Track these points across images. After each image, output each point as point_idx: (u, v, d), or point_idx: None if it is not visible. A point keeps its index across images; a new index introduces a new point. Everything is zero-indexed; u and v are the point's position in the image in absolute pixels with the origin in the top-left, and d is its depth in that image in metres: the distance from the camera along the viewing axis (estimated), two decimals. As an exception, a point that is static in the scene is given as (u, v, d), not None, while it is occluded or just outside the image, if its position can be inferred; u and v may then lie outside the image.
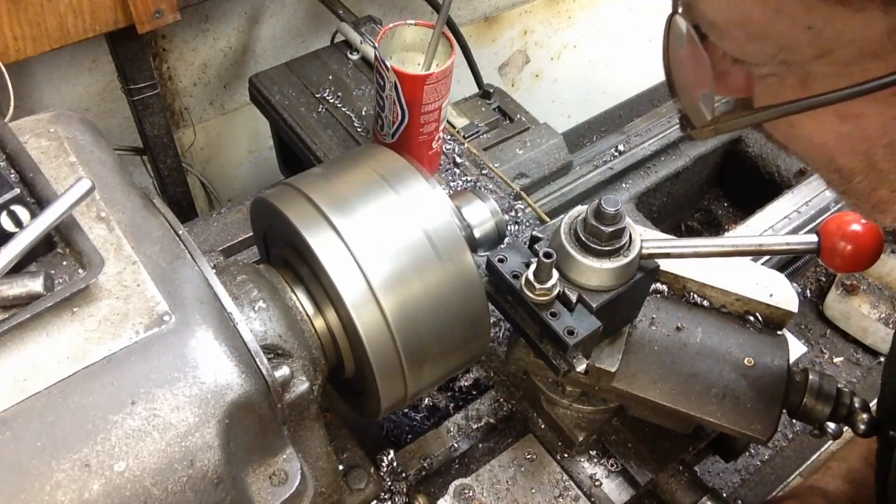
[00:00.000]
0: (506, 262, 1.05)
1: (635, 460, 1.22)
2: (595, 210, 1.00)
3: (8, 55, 1.40)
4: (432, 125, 1.43)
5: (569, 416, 1.22)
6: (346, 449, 1.16)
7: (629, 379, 1.14)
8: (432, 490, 1.21)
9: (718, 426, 1.13)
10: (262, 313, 0.94)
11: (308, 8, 2.11)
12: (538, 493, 1.19)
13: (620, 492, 1.21)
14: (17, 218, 0.77)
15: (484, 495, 1.18)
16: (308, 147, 1.59)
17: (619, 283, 1.02)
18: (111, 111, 1.94)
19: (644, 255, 1.04)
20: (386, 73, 1.35)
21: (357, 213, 0.98)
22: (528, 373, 1.24)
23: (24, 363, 0.74)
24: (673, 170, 1.95)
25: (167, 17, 1.55)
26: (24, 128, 0.91)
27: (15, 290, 0.75)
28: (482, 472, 1.21)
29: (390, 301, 0.95)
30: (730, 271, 1.22)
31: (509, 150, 1.69)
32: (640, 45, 3.11)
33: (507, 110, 1.78)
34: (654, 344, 1.17)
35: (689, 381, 1.14)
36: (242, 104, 2.19)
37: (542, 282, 0.99)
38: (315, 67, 1.75)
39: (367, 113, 1.65)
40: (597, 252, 1.01)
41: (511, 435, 1.27)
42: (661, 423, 1.21)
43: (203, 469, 0.77)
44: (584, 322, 0.99)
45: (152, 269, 0.83)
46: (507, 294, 1.06)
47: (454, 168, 1.57)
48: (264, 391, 0.84)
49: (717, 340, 1.18)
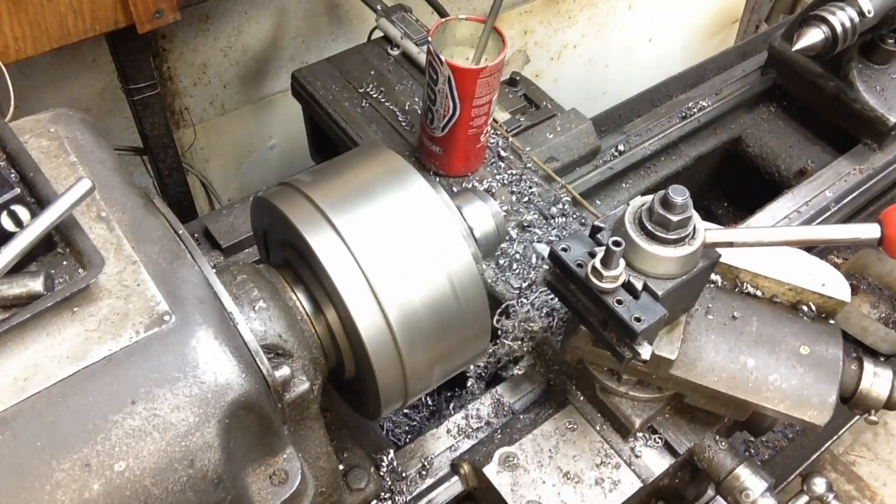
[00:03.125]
0: (569, 251, 1.07)
1: (673, 430, 1.25)
2: (662, 199, 1.02)
3: (8, 55, 1.40)
4: (482, 119, 1.45)
5: (624, 405, 1.23)
6: (346, 449, 1.16)
7: (687, 367, 1.16)
8: (477, 458, 1.23)
9: (776, 413, 1.15)
10: (263, 313, 0.94)
11: (308, 8, 2.11)
12: (580, 460, 1.21)
13: (660, 460, 1.23)
14: (18, 218, 0.77)
15: (528, 463, 1.20)
16: (353, 141, 1.60)
17: (683, 271, 1.04)
18: (111, 111, 1.94)
19: (707, 244, 1.05)
20: (440, 66, 1.37)
21: (357, 213, 0.98)
22: (582, 361, 1.25)
23: (24, 363, 0.74)
24: (673, 170, 1.95)
25: (167, 17, 1.54)
26: (24, 128, 0.91)
27: (15, 289, 0.75)
28: (525, 441, 1.23)
29: (391, 301, 0.95)
30: (782, 262, 1.23)
31: (539, 135, 1.72)
32: (640, 45, 3.12)
33: (534, 98, 1.81)
34: (710, 332, 1.19)
35: (746, 369, 1.16)
36: (242, 104, 2.19)
37: (610, 269, 1.00)
38: (356, 63, 1.76)
39: (410, 107, 1.66)
40: (663, 240, 1.03)
41: (552, 406, 1.29)
42: (717, 411, 1.22)
43: (203, 469, 0.77)
44: (650, 309, 1.01)
45: (152, 269, 0.83)
46: (570, 283, 1.07)
47: (499, 161, 1.59)
48: (264, 391, 0.84)
49: (772, 329, 1.20)
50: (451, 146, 1.48)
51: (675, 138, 1.93)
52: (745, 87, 2.01)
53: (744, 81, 2.03)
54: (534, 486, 1.18)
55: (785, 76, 1.95)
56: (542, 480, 1.19)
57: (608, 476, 1.20)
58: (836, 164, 1.83)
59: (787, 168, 2.00)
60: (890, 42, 1.81)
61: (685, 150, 1.97)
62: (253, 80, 2.16)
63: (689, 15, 3.21)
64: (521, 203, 1.51)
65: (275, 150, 2.38)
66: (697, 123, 1.95)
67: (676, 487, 1.34)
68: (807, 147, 1.99)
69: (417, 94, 1.69)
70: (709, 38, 3.37)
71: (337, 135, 1.65)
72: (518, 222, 1.47)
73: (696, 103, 1.96)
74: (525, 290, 1.36)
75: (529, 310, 1.31)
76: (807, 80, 1.88)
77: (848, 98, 1.80)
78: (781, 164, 2.01)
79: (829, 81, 1.83)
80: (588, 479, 1.19)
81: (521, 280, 1.37)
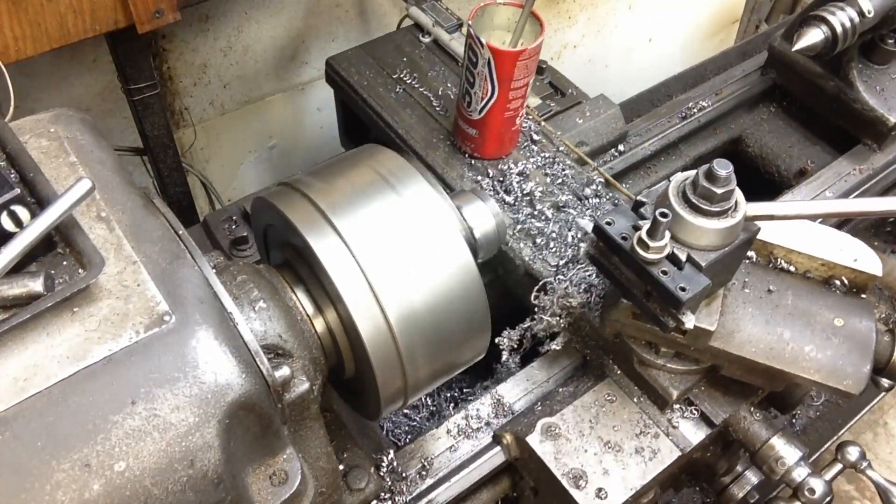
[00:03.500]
0: (613, 224, 1.10)
1: (709, 402, 1.27)
2: (707, 172, 1.06)
3: (8, 55, 1.40)
4: (518, 101, 1.48)
5: (662, 377, 1.26)
6: (346, 449, 1.16)
7: (726, 338, 1.19)
8: (519, 429, 1.25)
9: (812, 382, 1.17)
10: (263, 313, 0.94)
11: (308, 8, 2.11)
12: (620, 430, 1.24)
13: (696, 431, 1.26)
14: (18, 218, 0.77)
15: (569, 432, 1.23)
16: (389, 125, 1.64)
17: (725, 243, 1.08)
18: (111, 111, 1.94)
19: (748, 217, 1.09)
20: (480, 49, 1.39)
21: (357, 214, 0.98)
22: (620, 335, 1.27)
23: (24, 363, 0.74)
24: (673, 170, 1.95)
25: (167, 17, 1.54)
26: (24, 128, 0.91)
27: (15, 290, 0.75)
28: (566, 412, 1.26)
29: (391, 301, 0.95)
30: (814, 238, 1.27)
31: (569, 120, 1.75)
32: (640, 45, 3.11)
33: (559, 85, 1.84)
34: (747, 305, 1.22)
35: (782, 340, 1.19)
36: (242, 104, 2.19)
37: (656, 240, 1.04)
38: (389, 50, 1.80)
39: (443, 93, 1.69)
40: (707, 213, 1.06)
41: (590, 380, 1.32)
42: (753, 382, 1.25)
43: (203, 469, 0.77)
44: (694, 279, 1.05)
45: (152, 269, 0.83)
46: (613, 256, 1.11)
47: (531, 145, 1.62)
48: (264, 391, 0.84)
49: (806, 302, 1.23)
50: (488, 129, 1.51)
51: (675, 138, 1.93)
52: (745, 87, 2.00)
53: (744, 81, 2.02)
54: (576, 454, 1.21)
55: (785, 76, 1.95)
56: (583, 449, 1.22)
57: (648, 445, 1.23)
58: (836, 164, 1.83)
59: (787, 168, 2.00)
60: (890, 42, 1.80)
61: (685, 151, 1.97)
62: (253, 80, 2.16)
63: (689, 15, 3.21)
64: (555, 185, 1.55)
65: (275, 150, 2.38)
66: (697, 123, 1.95)
67: (708, 461, 1.37)
68: (807, 147, 1.99)
69: (450, 80, 1.72)
70: (709, 38, 3.37)
71: (371, 119, 1.68)
72: (553, 203, 1.50)
73: (696, 103, 1.96)
74: (562, 267, 1.40)
75: (568, 286, 1.35)
76: (807, 80, 1.88)
77: (848, 98, 1.80)
78: (781, 164, 2.00)
79: (829, 81, 1.82)
80: (628, 448, 1.22)
81: (558, 258, 1.42)
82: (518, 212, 1.49)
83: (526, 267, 1.42)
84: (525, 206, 1.50)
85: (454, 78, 1.72)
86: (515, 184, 1.53)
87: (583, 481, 1.18)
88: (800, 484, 1.22)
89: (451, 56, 1.78)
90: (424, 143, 1.60)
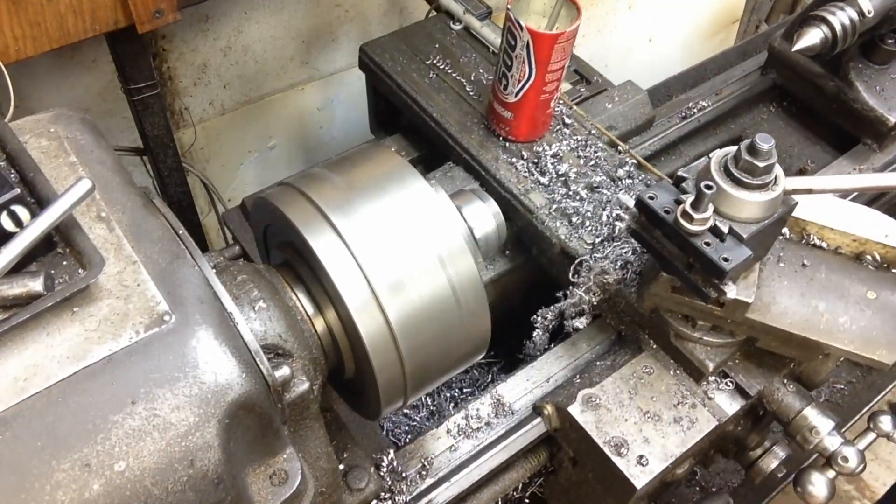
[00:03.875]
0: (656, 199, 1.14)
1: (744, 374, 1.31)
2: (749, 146, 1.10)
3: (8, 55, 1.40)
4: (553, 84, 1.51)
5: (698, 350, 1.29)
6: (346, 449, 1.16)
7: (762, 311, 1.22)
8: (559, 400, 1.28)
9: (846, 353, 1.20)
10: (263, 313, 0.94)
11: (308, 8, 2.11)
12: (658, 401, 1.28)
13: (731, 402, 1.29)
14: (18, 218, 0.77)
15: (609, 403, 1.26)
16: (423, 109, 1.66)
17: (766, 215, 1.12)
18: (111, 111, 1.94)
19: (787, 191, 1.13)
20: (519, 32, 1.42)
21: (357, 214, 0.98)
22: (657, 310, 1.30)
23: (24, 363, 0.74)
24: (673, 169, 1.95)
25: (167, 17, 1.55)
26: (24, 128, 0.91)
27: (15, 290, 0.75)
28: (606, 384, 1.29)
29: (391, 301, 0.95)
30: (846, 215, 1.29)
31: (599, 105, 1.79)
32: (640, 45, 3.11)
33: (584, 73, 1.88)
34: (783, 279, 1.25)
35: (817, 312, 1.22)
36: (242, 104, 2.19)
37: (700, 212, 1.07)
38: (421, 37, 1.82)
39: (476, 78, 1.72)
40: (748, 185, 1.10)
41: (627, 353, 1.36)
42: (788, 354, 1.27)
43: (203, 469, 0.77)
44: (736, 251, 1.08)
45: (152, 269, 0.83)
46: (655, 229, 1.15)
47: (563, 128, 1.65)
48: (264, 391, 0.84)
49: (839, 276, 1.26)
50: (523, 111, 1.54)
51: (675, 138, 1.93)
52: (745, 87, 2.00)
53: (744, 81, 2.02)
54: (616, 423, 1.24)
55: (785, 76, 1.95)
56: (623, 419, 1.25)
57: (686, 415, 1.26)
58: (836, 164, 1.83)
59: (787, 168, 1.99)
60: (890, 42, 1.80)
61: (685, 150, 1.97)
62: (253, 80, 2.16)
63: (689, 15, 3.21)
64: (588, 166, 1.58)
65: (275, 150, 2.38)
66: (697, 123, 1.95)
67: (738, 435, 1.39)
68: (807, 147, 1.98)
69: (482, 66, 1.75)
70: (709, 38, 3.37)
71: (405, 104, 1.71)
72: (587, 184, 1.53)
73: (696, 103, 1.96)
74: (598, 245, 1.43)
75: (605, 263, 1.38)
76: (807, 80, 1.88)
77: (848, 98, 1.80)
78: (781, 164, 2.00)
79: (829, 81, 1.82)
80: (667, 417, 1.26)
81: (594, 236, 1.45)
82: (553, 192, 1.52)
83: (562, 245, 1.45)
84: (560, 187, 1.53)
85: (486, 64, 1.76)
86: (550, 165, 1.56)
87: (624, 449, 1.21)
88: (833, 453, 1.25)
89: (482, 43, 1.82)
90: (459, 127, 1.63)
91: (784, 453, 1.40)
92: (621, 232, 1.41)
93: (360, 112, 2.44)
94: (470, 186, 1.55)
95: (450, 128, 1.62)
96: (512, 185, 1.51)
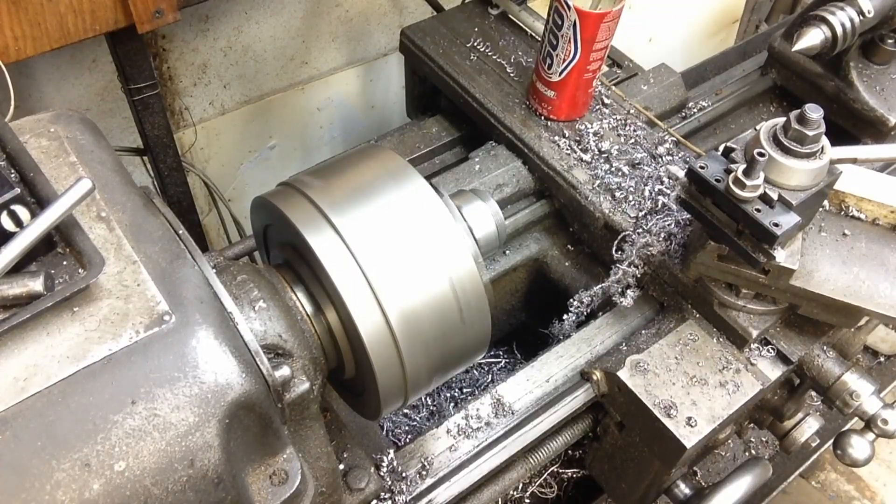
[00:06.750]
0: (706, 168, 1.18)
1: (785, 341, 1.35)
2: (799, 116, 1.15)
3: (8, 55, 1.40)
4: (597, 63, 1.55)
5: (742, 318, 1.33)
6: (346, 449, 1.16)
7: (805, 278, 1.26)
8: (607, 366, 1.34)
9: (887, 318, 1.24)
10: (263, 313, 0.94)
11: (307, 8, 2.11)
12: (703, 366, 1.32)
13: (773, 368, 1.34)
14: (18, 218, 0.77)
15: (657, 368, 1.32)
16: (466, 90, 1.71)
17: (813, 183, 1.17)
18: (111, 111, 1.94)
19: (833, 160, 1.18)
20: (566, 12, 1.46)
21: (357, 214, 0.98)
22: (701, 280, 1.35)
23: (24, 363, 0.74)
24: (673, 170, 1.95)
25: (167, 17, 1.54)
26: (24, 128, 0.91)
27: (15, 289, 0.75)
28: (653, 350, 1.34)
29: (391, 301, 0.95)
30: (884, 187, 1.33)
31: (634, 87, 1.84)
32: (640, 45, 3.11)
33: (615, 58, 1.92)
34: (825, 247, 1.29)
35: (858, 279, 1.26)
36: (242, 104, 2.19)
37: (752, 179, 1.11)
38: (460, 21, 1.87)
39: (516, 60, 1.77)
40: (797, 154, 1.15)
41: (671, 321, 1.41)
42: (828, 321, 1.31)
43: (203, 469, 0.77)
44: (786, 217, 1.13)
45: (152, 269, 0.83)
46: (705, 198, 1.20)
47: (603, 108, 1.70)
48: (265, 391, 0.84)
49: (879, 245, 1.30)
50: (566, 90, 1.58)
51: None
52: (745, 87, 2.00)
53: (744, 81, 2.02)
54: (664, 387, 1.29)
55: (785, 76, 1.95)
56: (671, 382, 1.30)
57: (731, 379, 1.31)
58: (837, 164, 1.83)
59: (787, 168, 2.00)
60: (890, 42, 1.80)
61: (685, 150, 1.97)
62: (253, 80, 2.16)
63: (689, 15, 3.21)
64: (629, 144, 1.62)
65: (275, 150, 2.38)
66: (697, 123, 1.95)
67: (775, 405, 1.43)
68: (807, 147, 1.99)
69: (521, 49, 1.80)
70: (709, 38, 3.37)
71: (447, 85, 1.75)
72: (629, 160, 1.58)
73: (696, 103, 1.96)
74: (641, 219, 1.47)
75: (648, 237, 1.43)
76: (807, 80, 1.88)
77: (848, 98, 1.80)
78: (782, 164, 2.01)
79: (829, 81, 1.82)
80: (713, 382, 1.30)
81: (637, 210, 1.49)
82: (595, 168, 1.56)
83: (606, 219, 1.49)
84: (602, 164, 1.57)
85: (524, 47, 1.80)
86: (592, 143, 1.60)
87: (673, 411, 1.26)
88: (873, 416, 1.29)
89: (520, 27, 1.86)
90: (501, 107, 1.67)
91: (818, 424, 1.43)
92: (664, 206, 1.46)
93: (360, 112, 2.45)
94: (470, 186, 1.55)
95: (492, 108, 1.67)
96: (555, 161, 1.56)
